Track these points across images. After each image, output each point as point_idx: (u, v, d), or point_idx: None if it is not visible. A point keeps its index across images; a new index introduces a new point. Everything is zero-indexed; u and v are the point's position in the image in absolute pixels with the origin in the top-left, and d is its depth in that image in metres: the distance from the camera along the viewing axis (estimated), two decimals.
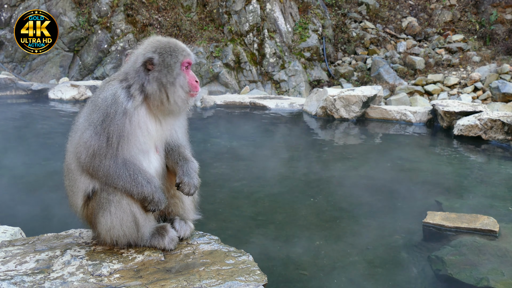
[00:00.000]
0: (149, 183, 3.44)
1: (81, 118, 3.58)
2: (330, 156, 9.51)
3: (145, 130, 3.49)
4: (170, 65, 3.48)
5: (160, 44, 3.56)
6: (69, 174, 3.63)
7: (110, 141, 3.35)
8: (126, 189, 3.40)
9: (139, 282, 3.14)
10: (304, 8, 21.81)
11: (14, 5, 19.69)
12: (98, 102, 3.47)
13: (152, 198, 3.46)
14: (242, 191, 7.14)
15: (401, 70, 19.65)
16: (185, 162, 3.68)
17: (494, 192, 7.07)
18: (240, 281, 3.15)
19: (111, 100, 3.42)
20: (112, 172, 3.37)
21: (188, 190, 3.60)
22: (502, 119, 9.77)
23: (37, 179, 7.38)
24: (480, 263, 4.65)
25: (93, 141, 3.37)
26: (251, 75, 19.32)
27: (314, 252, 5.18)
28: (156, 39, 3.63)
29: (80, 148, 3.43)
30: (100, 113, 3.41)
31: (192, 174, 3.64)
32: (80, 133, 3.47)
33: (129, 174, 3.38)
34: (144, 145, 3.51)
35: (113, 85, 3.53)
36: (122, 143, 3.38)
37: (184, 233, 3.77)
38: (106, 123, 3.37)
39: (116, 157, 3.37)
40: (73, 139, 3.57)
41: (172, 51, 3.51)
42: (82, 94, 15.34)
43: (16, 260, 3.43)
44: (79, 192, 3.56)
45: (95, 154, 3.37)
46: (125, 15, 20.00)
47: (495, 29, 21.02)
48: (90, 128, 3.40)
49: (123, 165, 3.38)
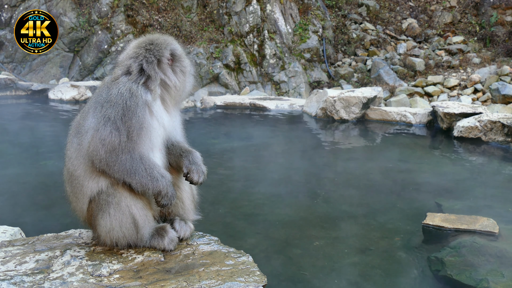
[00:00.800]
0: (163, 177, 3.46)
1: (88, 120, 3.54)
2: (330, 157, 9.51)
3: (161, 122, 3.59)
4: (182, 56, 3.76)
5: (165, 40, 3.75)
6: (73, 181, 3.61)
7: (130, 134, 3.38)
8: (142, 184, 3.40)
9: (138, 283, 3.13)
10: (304, 9, 21.82)
11: (14, 5, 19.70)
12: (112, 99, 3.46)
13: (166, 192, 3.48)
14: (241, 192, 7.14)
15: (401, 71, 19.66)
16: (189, 152, 3.74)
17: (494, 193, 7.07)
18: (239, 281, 3.15)
19: (128, 94, 3.45)
20: (129, 167, 3.37)
21: (197, 178, 3.64)
22: (502, 120, 9.78)
23: (37, 179, 7.38)
24: (480, 265, 4.65)
25: (113, 137, 3.37)
26: (251, 76, 19.33)
27: (313, 253, 5.18)
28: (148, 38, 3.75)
29: (96, 146, 3.39)
30: (118, 108, 3.41)
31: (199, 162, 3.71)
32: (94, 131, 3.44)
33: (145, 168, 3.40)
34: (157, 139, 3.58)
35: (123, 82, 3.54)
36: (141, 136, 3.42)
37: (184, 233, 3.76)
38: (127, 117, 3.39)
39: (133, 151, 3.38)
40: (82, 143, 3.53)
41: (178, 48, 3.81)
42: (82, 95, 15.34)
43: (15, 260, 3.43)
44: (84, 198, 3.56)
45: (114, 150, 3.36)
46: (125, 16, 20.01)
47: (495, 31, 21.03)
48: (108, 124, 3.39)
49: (140, 159, 3.40)
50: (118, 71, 3.62)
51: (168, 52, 3.65)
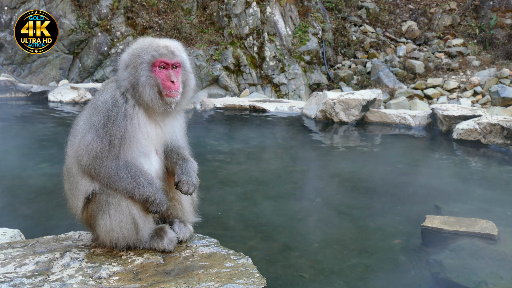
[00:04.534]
0: (150, 184, 3.43)
1: (81, 122, 3.58)
2: (330, 159, 9.52)
3: (145, 132, 3.49)
4: (135, 65, 3.44)
5: (135, 45, 3.56)
6: (70, 178, 3.63)
7: (112, 143, 3.35)
8: (128, 190, 3.39)
9: (138, 285, 3.14)
10: (304, 12, 21.85)
11: (14, 7, 19.71)
12: (98, 105, 3.47)
13: (154, 199, 3.45)
14: (241, 194, 7.14)
15: (401, 74, 19.68)
16: (184, 161, 3.67)
17: (493, 196, 7.07)
18: (239, 284, 3.15)
19: (111, 102, 3.42)
20: (114, 174, 3.36)
21: (187, 189, 3.57)
22: (501, 123, 9.79)
23: (37, 181, 7.38)
24: (479, 267, 4.65)
25: (95, 144, 3.36)
26: (250, 78, 19.34)
27: (312, 255, 5.19)
28: (139, 40, 3.61)
29: (82, 151, 3.42)
30: (101, 116, 3.41)
31: (191, 173, 3.63)
32: (81, 136, 3.46)
33: (130, 175, 3.38)
34: (145, 148, 3.51)
35: (112, 87, 3.54)
36: (124, 145, 3.38)
37: (183, 235, 3.77)
38: (108, 126, 3.37)
39: (118, 159, 3.36)
40: (73, 142, 3.56)
41: (141, 51, 3.46)
42: (82, 97, 15.36)
43: (15, 262, 3.44)
44: (79, 196, 3.56)
45: (97, 157, 3.36)
46: (125, 18, 20.02)
47: (495, 34, 21.06)
48: (91, 131, 3.40)
49: (125, 166, 3.37)
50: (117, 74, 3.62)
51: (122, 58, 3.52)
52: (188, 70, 3.60)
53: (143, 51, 3.45)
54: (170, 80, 3.44)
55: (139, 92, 3.41)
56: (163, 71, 3.46)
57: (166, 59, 3.45)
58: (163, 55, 3.44)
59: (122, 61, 3.53)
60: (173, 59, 3.47)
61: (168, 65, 3.46)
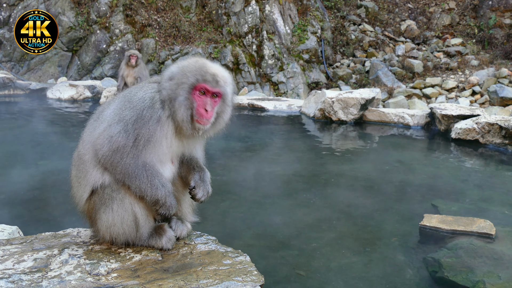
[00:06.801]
0: (163, 187, 3.45)
1: (109, 110, 3.55)
2: (328, 158, 9.53)
3: (169, 142, 3.49)
4: (179, 82, 3.41)
5: (188, 62, 3.53)
6: (80, 165, 3.59)
7: (137, 142, 3.35)
8: (141, 189, 3.40)
9: (136, 282, 3.14)
10: (303, 10, 21.85)
11: (13, 4, 19.70)
12: (134, 101, 3.46)
13: (165, 201, 3.47)
14: (239, 192, 7.15)
15: (400, 73, 19.70)
16: (202, 170, 3.74)
17: (491, 195, 7.09)
18: (237, 281, 3.16)
19: (148, 103, 3.42)
20: (131, 171, 3.36)
21: (201, 195, 3.64)
22: (499, 123, 9.80)
23: (35, 178, 7.37)
24: (477, 266, 4.66)
25: (120, 137, 3.35)
26: (249, 76, 19.34)
27: (310, 253, 5.19)
28: (193, 59, 3.57)
29: (103, 141, 3.40)
30: (134, 112, 3.40)
31: (208, 181, 3.71)
32: (107, 125, 3.44)
33: (146, 175, 3.38)
34: (164, 156, 3.52)
35: (152, 88, 3.53)
36: (147, 148, 3.38)
37: (180, 232, 3.77)
38: (138, 124, 3.36)
39: (137, 158, 3.37)
40: (95, 129, 3.54)
41: (188, 71, 3.43)
42: (80, 94, 15.35)
43: (14, 258, 3.44)
44: (86, 185, 3.54)
45: (118, 150, 3.35)
46: (124, 16, 20.02)
47: (494, 33, 21.09)
48: (119, 124, 3.39)
49: (143, 166, 3.38)
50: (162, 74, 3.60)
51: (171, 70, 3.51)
52: (227, 103, 3.56)
53: (190, 72, 3.42)
54: (204, 108, 3.41)
55: (174, 109, 3.40)
56: (201, 96, 3.42)
57: (208, 86, 3.40)
58: (207, 81, 3.40)
59: (169, 71, 3.51)
60: (215, 88, 3.43)
61: (209, 92, 3.42)
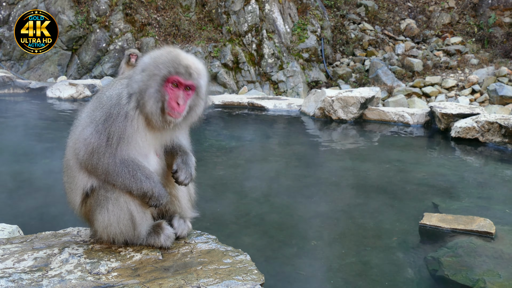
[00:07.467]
0: (148, 179, 3.40)
1: (84, 113, 3.54)
2: (328, 157, 9.53)
3: (143, 136, 3.42)
4: (150, 74, 3.31)
5: (160, 52, 3.43)
6: (68, 171, 3.60)
7: (110, 141, 3.31)
8: (126, 185, 3.37)
9: (136, 281, 3.14)
10: (303, 9, 21.83)
11: (12, 3, 19.67)
12: (103, 100, 3.44)
13: (152, 193, 3.42)
14: (239, 191, 7.15)
15: (399, 72, 19.68)
16: (185, 153, 3.66)
17: (491, 194, 7.09)
18: (237, 280, 3.16)
19: (115, 100, 3.38)
20: (111, 170, 3.34)
21: (183, 178, 3.55)
22: (499, 121, 9.80)
23: (35, 177, 7.37)
24: (477, 265, 4.67)
25: (93, 139, 3.33)
26: (249, 75, 19.33)
27: (310, 252, 5.20)
28: (166, 49, 3.46)
29: (79, 144, 3.39)
30: (103, 112, 3.37)
31: (191, 165, 3.62)
32: (81, 128, 3.44)
33: (128, 171, 3.34)
34: (143, 149, 3.47)
35: (121, 84, 3.49)
36: (122, 145, 3.34)
37: (181, 232, 3.76)
38: (108, 123, 3.32)
39: (114, 156, 3.33)
40: (74, 134, 3.53)
41: (161, 62, 3.32)
42: (80, 93, 15.35)
43: (14, 258, 3.44)
44: (77, 190, 3.54)
45: (93, 152, 3.33)
46: (124, 14, 19.99)
47: (493, 32, 21.07)
48: (91, 125, 3.37)
49: (122, 163, 3.34)
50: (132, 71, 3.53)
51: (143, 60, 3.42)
52: (200, 96, 3.46)
53: (163, 63, 3.32)
54: (176, 101, 3.32)
55: (144, 101, 3.31)
56: (174, 89, 3.32)
57: (181, 78, 3.31)
58: (180, 74, 3.30)
59: (142, 62, 3.43)
60: (188, 80, 3.33)
61: (182, 85, 3.33)
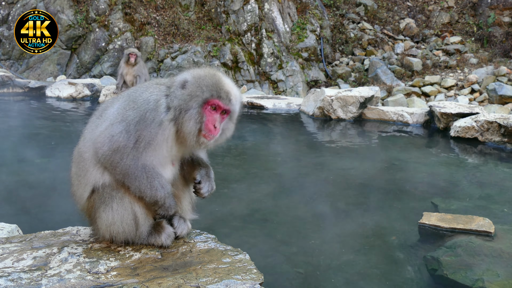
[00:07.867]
0: (163, 189, 3.44)
1: (113, 109, 3.53)
2: (327, 156, 9.53)
3: (170, 147, 3.47)
4: (192, 94, 3.38)
5: (203, 73, 3.49)
6: (80, 162, 3.56)
7: (138, 144, 3.33)
8: (141, 190, 3.39)
9: (136, 280, 3.14)
10: (302, 9, 21.84)
11: (12, 2, 19.66)
12: (139, 102, 3.43)
13: (163, 203, 3.49)
14: (238, 190, 7.15)
15: (399, 71, 19.70)
16: (208, 167, 3.76)
17: (490, 193, 7.09)
18: (236, 279, 3.16)
19: (152, 105, 3.39)
20: (131, 173, 3.35)
21: (205, 190, 3.65)
22: (498, 121, 9.80)
23: (34, 176, 7.36)
24: (476, 264, 4.66)
25: (121, 138, 3.34)
26: (248, 74, 19.33)
27: (309, 251, 5.20)
28: (210, 72, 3.53)
29: (104, 139, 3.38)
30: (137, 113, 3.38)
31: (213, 178, 3.72)
32: (109, 123, 3.43)
33: (146, 177, 3.37)
34: (165, 159, 3.51)
35: (160, 91, 3.50)
36: (148, 150, 3.36)
37: (181, 231, 3.75)
38: (140, 126, 3.34)
39: (137, 159, 3.35)
40: (97, 126, 3.52)
41: (204, 85, 3.40)
42: (79, 92, 15.33)
43: (13, 257, 3.44)
44: (87, 184, 3.53)
45: (118, 150, 3.34)
46: (123, 14, 19.99)
47: (493, 32, 21.09)
48: (122, 124, 3.37)
49: (143, 168, 3.36)
50: (172, 79, 3.57)
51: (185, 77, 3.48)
52: (232, 121, 3.61)
53: (207, 86, 3.39)
54: (213, 124, 3.41)
55: (183, 120, 3.37)
56: (212, 112, 3.41)
57: (221, 103, 3.40)
58: (221, 98, 3.39)
59: (182, 78, 3.47)
60: (227, 105, 3.43)
61: (220, 108, 3.43)
